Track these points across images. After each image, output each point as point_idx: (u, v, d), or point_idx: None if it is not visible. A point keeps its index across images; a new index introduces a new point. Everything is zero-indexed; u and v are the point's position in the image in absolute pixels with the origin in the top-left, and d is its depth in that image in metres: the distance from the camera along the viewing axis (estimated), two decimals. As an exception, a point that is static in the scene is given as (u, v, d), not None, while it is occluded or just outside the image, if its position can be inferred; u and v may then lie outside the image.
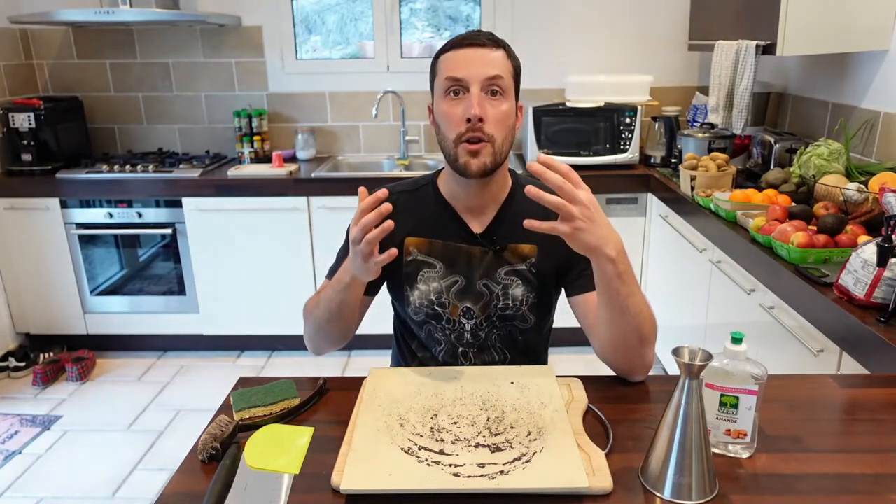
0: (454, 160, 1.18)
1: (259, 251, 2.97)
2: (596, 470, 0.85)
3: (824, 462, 0.89)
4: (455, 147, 1.17)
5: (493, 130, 1.15)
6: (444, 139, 1.19)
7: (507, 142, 1.19)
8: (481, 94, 1.14)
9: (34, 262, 3.04)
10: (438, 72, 1.19)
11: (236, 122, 3.24)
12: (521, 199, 1.27)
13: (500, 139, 1.17)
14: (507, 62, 1.18)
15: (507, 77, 1.17)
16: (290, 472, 0.89)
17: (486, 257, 1.26)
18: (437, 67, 1.20)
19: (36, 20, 2.91)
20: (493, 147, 1.16)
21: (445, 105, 1.17)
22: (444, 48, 1.19)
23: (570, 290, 1.29)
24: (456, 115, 1.15)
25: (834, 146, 2.16)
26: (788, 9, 2.17)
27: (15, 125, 2.98)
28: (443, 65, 1.18)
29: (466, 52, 1.15)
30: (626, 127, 2.90)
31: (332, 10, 3.33)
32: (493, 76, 1.14)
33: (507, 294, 1.26)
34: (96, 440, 2.51)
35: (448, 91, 1.16)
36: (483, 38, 1.17)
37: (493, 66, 1.15)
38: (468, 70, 1.14)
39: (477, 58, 1.15)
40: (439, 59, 1.20)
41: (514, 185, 1.29)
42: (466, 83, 1.14)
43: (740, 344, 0.90)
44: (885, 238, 1.33)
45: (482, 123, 1.13)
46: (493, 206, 1.26)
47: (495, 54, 1.16)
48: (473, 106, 1.13)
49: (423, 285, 1.27)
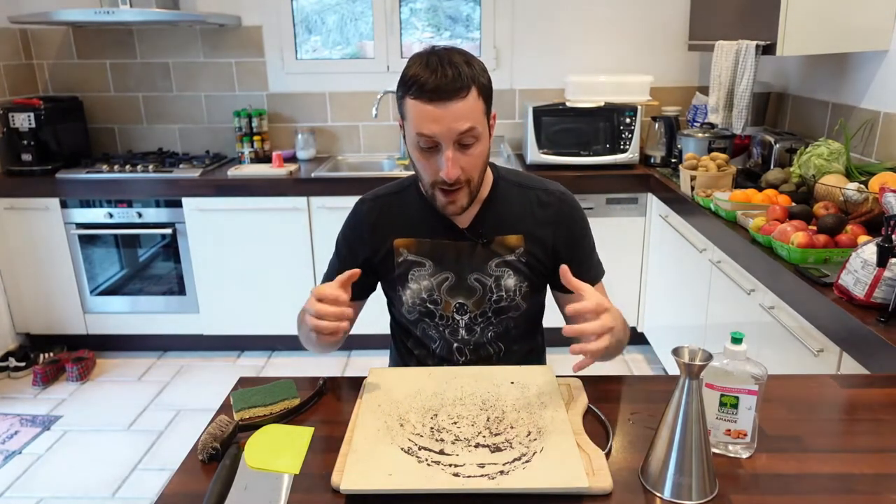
0: (431, 198, 1.20)
1: (259, 251, 2.97)
2: (596, 470, 0.85)
3: (824, 462, 0.89)
4: (431, 189, 1.18)
5: (468, 175, 1.16)
6: (420, 177, 1.20)
7: (482, 172, 1.20)
8: (454, 151, 1.11)
9: (34, 262, 3.04)
10: (406, 115, 1.13)
11: (236, 122, 3.24)
12: (503, 191, 1.29)
13: (477, 177, 1.18)
14: (477, 103, 1.11)
15: (480, 120, 1.12)
16: (290, 472, 0.89)
17: (474, 251, 1.26)
18: (405, 107, 1.13)
19: (36, 20, 2.91)
20: (470, 188, 1.17)
21: (418, 154, 1.16)
22: (410, 88, 1.11)
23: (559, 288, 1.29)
24: (430, 167, 1.15)
25: (834, 146, 2.16)
26: (788, 9, 2.17)
27: (15, 125, 2.98)
28: (410, 112, 1.12)
29: (435, 110, 1.08)
30: (626, 127, 2.90)
31: (332, 10, 3.33)
32: (465, 130, 1.10)
33: (500, 286, 1.26)
34: (96, 440, 2.51)
35: (419, 143, 1.13)
36: (449, 88, 1.07)
37: (464, 119, 1.09)
38: (438, 128, 1.09)
39: (446, 115, 1.08)
40: (406, 99, 1.12)
41: (495, 179, 1.30)
42: (437, 140, 1.11)
43: (740, 344, 0.90)
44: (885, 238, 1.33)
45: (458, 176, 1.13)
46: (477, 201, 1.27)
47: (464, 103, 1.09)
48: (448, 169, 1.11)
49: (415, 284, 1.28)
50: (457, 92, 1.08)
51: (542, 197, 1.28)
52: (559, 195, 1.29)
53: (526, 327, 1.34)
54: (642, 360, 3.06)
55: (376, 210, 1.31)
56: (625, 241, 2.95)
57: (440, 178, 1.14)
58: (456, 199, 1.17)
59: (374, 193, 1.34)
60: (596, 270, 1.32)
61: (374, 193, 1.34)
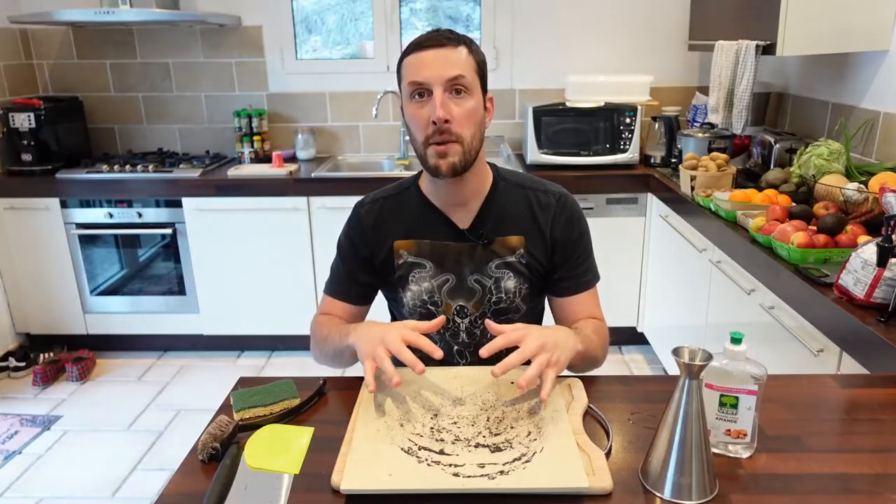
0: (425, 161, 1.20)
1: (259, 251, 2.97)
2: (596, 470, 0.85)
3: (824, 462, 0.89)
4: (424, 149, 1.18)
5: (460, 129, 1.16)
6: (414, 141, 1.21)
7: (476, 137, 1.20)
8: (445, 96, 1.14)
9: (34, 262, 3.04)
10: (402, 76, 1.19)
11: (236, 122, 3.24)
12: (503, 191, 1.29)
13: (469, 136, 1.17)
14: (469, 59, 1.17)
15: (471, 74, 1.17)
16: (290, 472, 0.89)
17: (474, 252, 1.26)
18: (401, 71, 1.19)
19: (36, 20, 2.92)
20: (462, 146, 1.17)
21: (411, 108, 1.18)
22: (406, 51, 1.19)
23: (551, 290, 1.32)
24: (422, 117, 1.16)
25: (834, 146, 2.16)
26: (788, 9, 2.17)
27: (15, 125, 2.98)
28: (406, 69, 1.18)
29: (427, 55, 1.15)
30: (626, 127, 2.90)
31: (332, 10, 3.33)
32: (455, 76, 1.14)
33: (499, 287, 1.26)
34: (96, 440, 2.51)
35: (413, 94, 1.16)
36: (442, 38, 1.16)
37: (454, 65, 1.14)
38: (430, 72, 1.14)
39: (438, 59, 1.14)
40: (402, 62, 1.19)
41: (495, 179, 1.30)
42: (429, 85, 1.14)
43: (740, 344, 0.90)
44: (885, 238, 1.33)
45: (448, 124, 1.14)
46: (476, 200, 1.27)
47: (456, 53, 1.15)
48: (437, 108, 1.13)
49: (415, 286, 1.28)
50: (448, 41, 1.16)
51: (541, 198, 1.28)
52: (559, 196, 1.29)
53: None
54: (642, 360, 3.06)
55: (375, 212, 1.31)
56: (625, 241, 2.95)
57: (431, 128, 1.15)
58: (447, 152, 1.16)
59: (372, 196, 1.34)
60: (590, 275, 1.31)
61: (372, 196, 1.34)
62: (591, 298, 1.31)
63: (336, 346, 1.20)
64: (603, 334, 1.25)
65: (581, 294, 1.30)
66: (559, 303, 1.32)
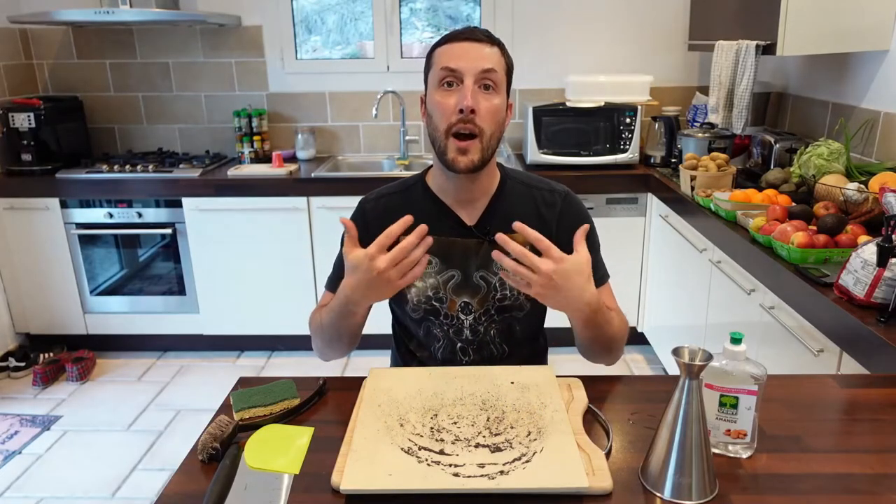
0: (443, 153, 1.19)
1: (259, 251, 2.97)
2: (596, 470, 0.85)
3: (824, 462, 0.89)
4: (445, 139, 1.18)
5: (483, 123, 1.16)
6: (435, 130, 1.20)
7: (495, 136, 1.20)
8: (475, 87, 1.16)
9: (34, 262, 3.04)
10: (434, 63, 1.21)
11: (236, 122, 3.24)
12: (510, 190, 1.30)
13: (490, 133, 1.18)
14: (501, 59, 1.20)
15: (501, 72, 1.19)
16: (290, 472, 0.89)
17: (481, 249, 1.26)
18: (432, 59, 1.22)
19: (36, 20, 2.91)
20: (482, 142, 1.17)
21: (439, 95, 1.18)
22: (441, 41, 1.21)
23: None
24: (449, 105, 1.16)
25: (834, 146, 2.16)
26: (788, 9, 2.17)
27: (15, 125, 2.98)
28: (438, 56, 1.20)
29: (463, 45, 1.18)
30: (626, 127, 2.90)
31: (332, 10, 3.33)
32: (488, 69, 1.16)
33: (504, 284, 1.26)
34: (96, 440, 2.51)
35: (442, 81, 1.18)
36: (479, 34, 1.19)
37: (488, 60, 1.17)
38: (464, 62, 1.16)
39: (473, 51, 1.17)
40: (435, 51, 1.21)
41: (503, 177, 1.31)
42: (461, 74, 1.16)
43: (740, 344, 0.90)
44: (885, 238, 1.33)
45: (473, 115, 1.15)
46: (484, 197, 1.27)
47: (491, 50, 1.19)
48: (467, 97, 1.14)
49: (420, 282, 1.28)
50: (485, 39, 1.19)
51: (547, 197, 1.30)
52: (564, 195, 1.31)
53: (530, 329, 1.34)
54: (642, 360, 3.06)
55: (380, 208, 1.31)
56: (625, 241, 2.95)
57: (456, 117, 1.15)
58: (468, 149, 1.17)
59: (376, 193, 1.34)
60: (600, 274, 1.30)
61: (376, 193, 1.34)
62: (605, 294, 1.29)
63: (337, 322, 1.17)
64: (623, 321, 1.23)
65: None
66: None
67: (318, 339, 1.27)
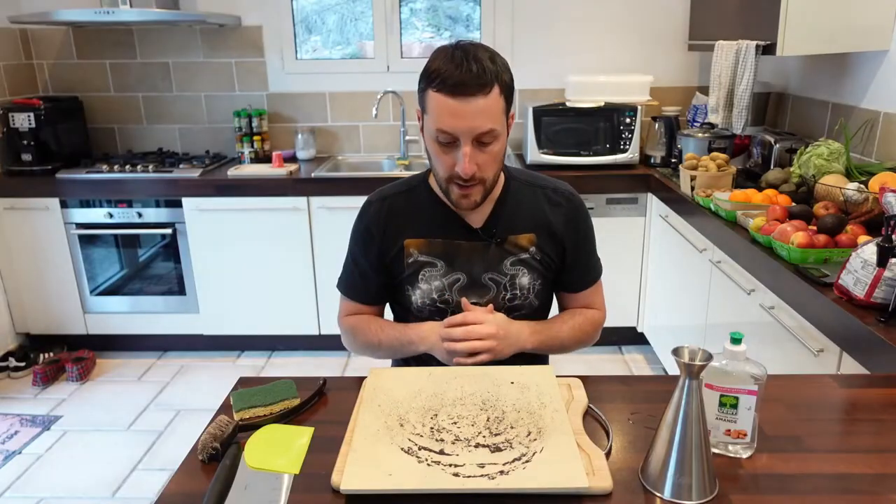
0: (445, 192, 1.21)
1: (259, 251, 2.97)
2: (596, 470, 0.85)
3: (824, 462, 0.89)
4: (446, 184, 1.19)
5: (484, 174, 1.16)
6: (435, 170, 1.21)
7: (498, 171, 1.21)
8: (472, 148, 1.12)
9: (34, 262, 3.04)
10: (427, 108, 1.13)
11: (236, 122, 3.24)
12: (515, 191, 1.30)
13: (492, 175, 1.19)
14: (499, 100, 1.11)
15: (500, 119, 1.13)
16: (290, 472, 0.89)
17: (487, 251, 1.27)
18: (426, 99, 1.13)
19: (36, 20, 2.91)
20: (485, 185, 1.18)
21: (435, 147, 1.16)
22: (434, 81, 1.10)
23: (559, 286, 1.37)
24: (447, 161, 1.15)
25: (834, 146, 2.16)
26: (788, 9, 2.17)
27: (15, 125, 2.98)
28: (432, 104, 1.11)
29: (457, 105, 1.08)
30: (626, 127, 2.90)
31: (332, 10, 3.33)
32: (485, 131, 1.11)
33: (514, 284, 1.27)
34: (96, 440, 2.51)
35: (437, 138, 1.13)
36: (473, 86, 1.07)
37: (484, 117, 1.09)
38: (460, 124, 1.09)
39: (468, 112, 1.08)
40: (428, 91, 1.12)
41: (507, 178, 1.31)
42: (457, 136, 1.11)
43: (739, 344, 0.90)
44: (885, 238, 1.33)
45: (473, 173, 1.14)
46: (489, 201, 1.28)
47: (486, 100, 1.09)
48: (465, 165, 1.12)
49: (425, 284, 1.28)
50: (480, 88, 1.08)
51: (551, 196, 1.31)
52: (568, 195, 1.32)
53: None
54: (642, 360, 3.06)
55: (384, 210, 1.30)
56: (625, 241, 2.95)
57: (456, 172, 1.15)
58: (470, 194, 1.18)
59: (380, 194, 1.33)
60: (596, 270, 1.38)
61: (380, 194, 1.33)
62: (594, 292, 1.37)
63: (394, 347, 1.30)
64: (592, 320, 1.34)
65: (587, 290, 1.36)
66: (566, 296, 1.38)
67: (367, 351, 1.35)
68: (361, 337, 1.33)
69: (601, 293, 1.39)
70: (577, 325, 1.32)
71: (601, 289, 1.39)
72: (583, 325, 1.32)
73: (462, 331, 1.15)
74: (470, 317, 1.17)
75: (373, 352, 1.34)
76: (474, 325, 1.15)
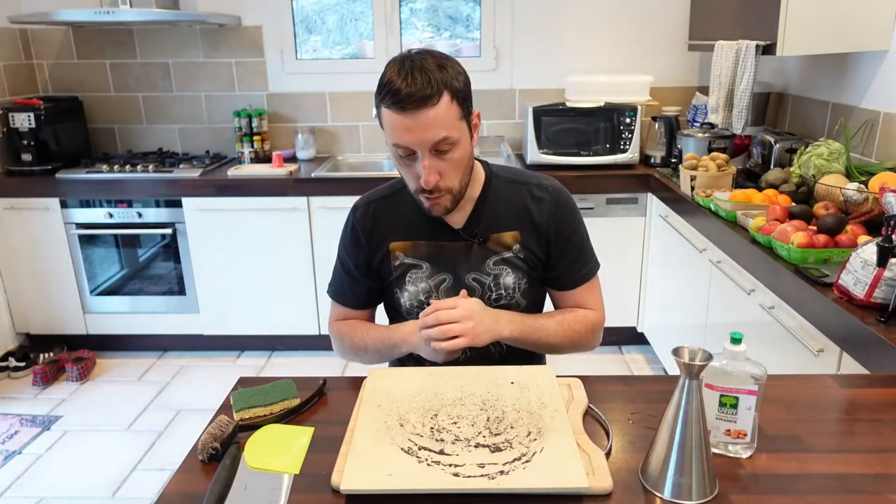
0: (417, 201, 1.22)
1: (259, 251, 2.97)
2: (596, 470, 0.85)
3: (824, 462, 0.89)
4: (416, 195, 1.20)
5: (449, 182, 1.16)
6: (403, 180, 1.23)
7: (465, 177, 1.21)
8: (431, 157, 1.12)
9: (34, 262, 3.04)
10: (383, 124, 1.13)
11: (236, 122, 3.24)
12: (496, 189, 1.30)
13: (458, 182, 1.19)
14: (450, 107, 1.10)
15: (455, 125, 1.12)
16: (290, 472, 0.89)
17: (471, 251, 1.27)
18: (381, 115, 1.13)
19: (36, 20, 2.91)
20: (453, 192, 1.19)
21: (398, 161, 1.17)
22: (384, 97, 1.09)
23: (550, 284, 1.34)
24: (410, 174, 1.16)
25: (834, 146, 2.16)
26: (788, 9, 2.17)
27: (15, 125, 2.98)
28: (385, 120, 1.12)
29: (405, 120, 1.08)
30: (626, 127, 2.90)
31: (332, 10, 3.33)
32: (439, 140, 1.10)
33: (498, 284, 1.27)
34: (96, 440, 2.51)
35: (397, 153, 1.14)
36: (418, 96, 1.06)
37: (436, 127, 1.09)
38: (412, 137, 1.09)
39: (417, 125, 1.08)
40: (381, 108, 1.12)
41: (488, 177, 1.30)
42: (413, 149, 1.11)
43: (739, 344, 0.90)
44: (885, 238, 1.33)
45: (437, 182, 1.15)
46: (469, 201, 1.27)
47: (436, 111, 1.08)
48: (426, 175, 1.12)
49: (412, 286, 1.29)
50: (426, 100, 1.07)
51: (535, 192, 1.29)
52: (552, 190, 1.30)
53: None
54: (642, 360, 3.06)
55: (369, 214, 1.31)
56: (625, 241, 2.95)
57: (419, 184, 1.15)
58: (439, 202, 1.18)
59: (366, 198, 1.34)
60: (588, 268, 1.33)
61: (366, 198, 1.34)
62: (587, 290, 1.33)
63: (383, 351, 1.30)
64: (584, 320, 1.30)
65: (579, 287, 1.32)
66: (558, 294, 1.36)
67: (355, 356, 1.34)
68: (349, 342, 1.33)
69: (597, 293, 1.34)
70: (567, 322, 1.27)
71: (597, 289, 1.34)
72: (573, 324, 1.27)
73: (433, 316, 1.13)
74: (440, 304, 1.15)
75: (361, 357, 1.34)
76: (446, 310, 1.13)
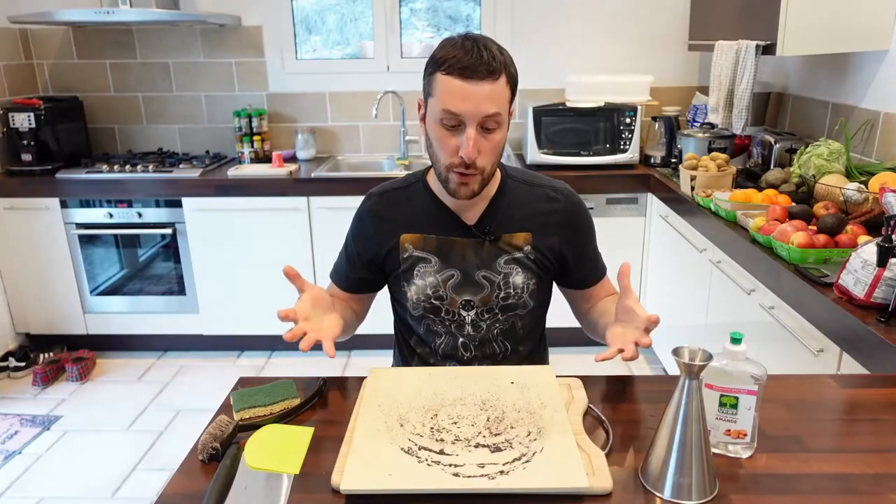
0: (444, 181, 1.20)
1: (259, 251, 2.97)
2: (596, 470, 0.85)
3: (824, 462, 0.89)
4: (446, 172, 1.18)
5: (484, 163, 1.16)
6: (435, 158, 1.20)
7: (497, 161, 1.21)
8: (477, 134, 1.12)
9: (34, 262, 3.04)
10: (434, 91, 1.14)
11: (236, 122, 3.24)
12: (511, 190, 1.30)
13: (490, 166, 1.18)
14: (505, 89, 1.13)
15: (504, 106, 1.14)
16: (290, 472, 0.89)
17: (481, 249, 1.27)
18: (433, 83, 1.14)
19: (36, 20, 2.91)
20: (483, 175, 1.18)
21: (439, 131, 1.15)
22: (442, 65, 1.11)
23: (568, 284, 1.37)
24: (450, 145, 1.15)
25: (834, 146, 2.16)
26: (788, 9, 2.17)
27: (15, 125, 2.98)
28: (439, 86, 1.12)
29: (466, 87, 1.09)
30: (626, 127, 2.90)
31: (332, 10, 3.33)
32: (492, 114, 1.11)
33: (507, 283, 1.27)
34: (96, 440, 2.51)
35: (443, 121, 1.14)
36: (483, 70, 1.09)
37: (491, 102, 1.11)
38: (468, 107, 1.10)
39: (476, 94, 1.10)
40: (436, 75, 1.13)
41: (503, 176, 1.31)
42: (463, 119, 1.11)
43: (739, 344, 0.90)
44: (885, 238, 1.33)
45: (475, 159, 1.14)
46: (484, 198, 1.28)
47: (493, 87, 1.11)
48: (469, 148, 1.12)
49: (420, 280, 1.28)
50: (490, 73, 1.10)
51: (549, 195, 1.30)
52: (566, 194, 1.31)
53: (531, 327, 1.35)
54: (642, 360, 3.06)
55: (383, 204, 1.32)
56: (625, 241, 2.95)
57: (457, 159, 1.14)
58: (469, 182, 1.17)
59: (381, 188, 1.35)
60: (602, 268, 1.38)
61: (381, 188, 1.35)
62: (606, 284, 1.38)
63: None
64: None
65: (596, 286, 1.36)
66: (577, 294, 1.38)
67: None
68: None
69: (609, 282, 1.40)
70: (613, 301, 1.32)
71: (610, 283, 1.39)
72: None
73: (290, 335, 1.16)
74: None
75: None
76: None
